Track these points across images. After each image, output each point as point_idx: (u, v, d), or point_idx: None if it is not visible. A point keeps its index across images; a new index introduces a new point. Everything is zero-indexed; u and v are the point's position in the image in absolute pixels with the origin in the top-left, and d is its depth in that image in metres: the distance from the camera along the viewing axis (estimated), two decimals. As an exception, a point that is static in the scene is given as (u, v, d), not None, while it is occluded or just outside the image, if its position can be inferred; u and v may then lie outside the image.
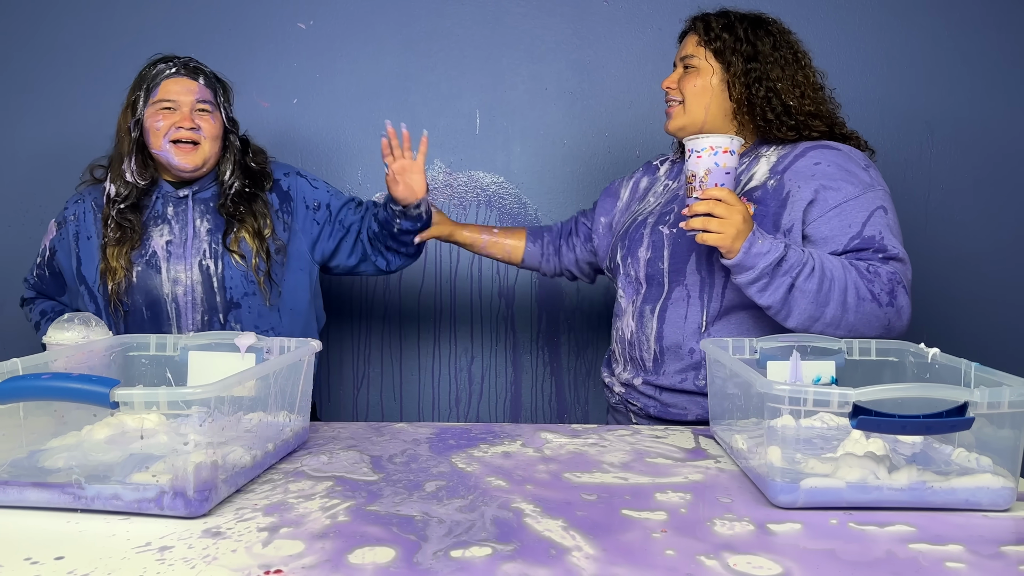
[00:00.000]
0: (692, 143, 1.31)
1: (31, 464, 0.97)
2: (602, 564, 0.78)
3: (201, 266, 1.64)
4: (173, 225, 1.66)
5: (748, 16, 1.52)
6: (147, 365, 1.27)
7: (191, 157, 1.63)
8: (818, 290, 1.30)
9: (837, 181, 1.39)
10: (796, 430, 1.14)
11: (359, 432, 1.29)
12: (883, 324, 1.35)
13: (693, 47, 1.52)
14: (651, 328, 1.49)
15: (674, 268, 1.46)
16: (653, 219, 1.54)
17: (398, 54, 2.32)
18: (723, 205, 1.27)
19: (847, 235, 1.36)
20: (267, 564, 0.78)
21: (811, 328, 1.33)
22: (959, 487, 0.93)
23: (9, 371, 1.00)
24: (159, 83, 1.61)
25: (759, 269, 1.29)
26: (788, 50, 1.50)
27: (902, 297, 1.35)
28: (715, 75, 1.49)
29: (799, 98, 1.47)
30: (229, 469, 0.96)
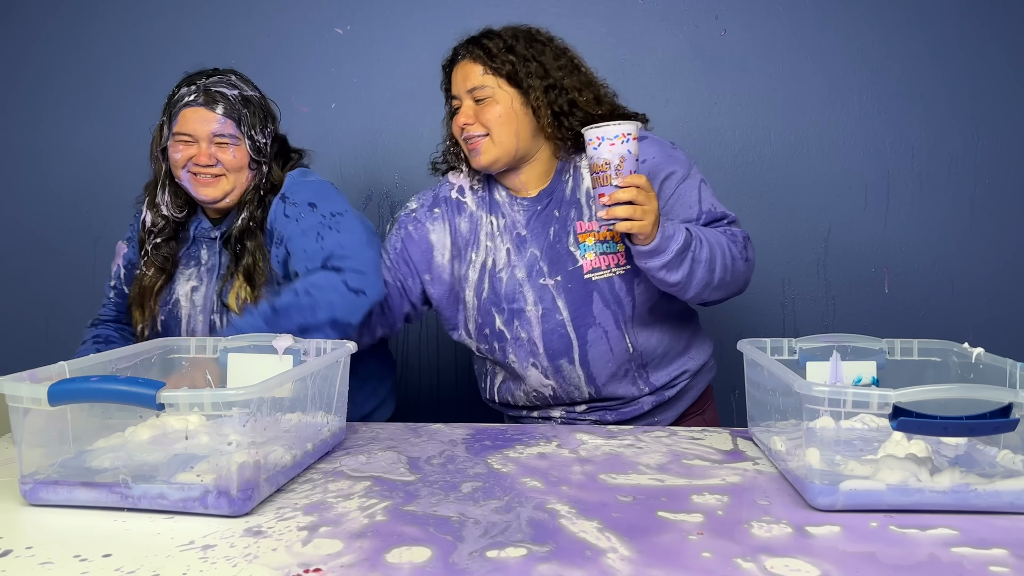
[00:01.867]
0: (601, 131, 1.27)
1: (79, 464, 1.00)
2: (637, 566, 0.78)
3: (211, 322, 1.53)
4: (202, 270, 1.55)
5: (518, 31, 1.46)
6: (187, 368, 1.30)
7: (209, 190, 1.50)
8: (709, 259, 1.34)
9: (666, 168, 1.43)
10: (836, 431, 1.13)
11: (397, 433, 1.30)
12: (745, 279, 1.43)
13: (479, 77, 1.43)
14: (577, 376, 1.46)
15: (578, 315, 1.43)
16: (522, 273, 1.46)
17: (434, 56, 2.31)
18: (643, 192, 1.26)
19: (693, 212, 1.42)
20: (307, 563, 0.79)
21: (701, 295, 1.38)
22: (1004, 490, 0.92)
23: (57, 374, 1.03)
24: (178, 112, 1.50)
25: (672, 252, 1.30)
26: (565, 58, 1.47)
27: (751, 251, 1.43)
28: (515, 100, 1.42)
29: (596, 103, 1.44)
30: (270, 469, 0.98)
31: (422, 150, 2.32)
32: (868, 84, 2.24)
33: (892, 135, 2.24)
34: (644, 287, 1.43)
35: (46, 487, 0.95)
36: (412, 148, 2.33)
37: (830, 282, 2.27)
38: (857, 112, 2.25)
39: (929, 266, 2.26)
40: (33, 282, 2.42)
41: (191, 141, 1.50)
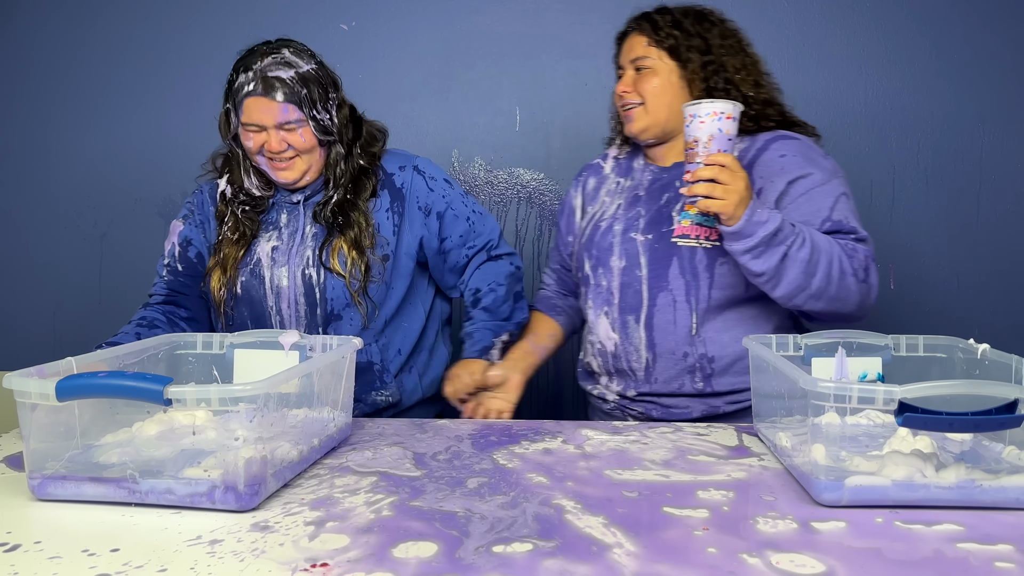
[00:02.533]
0: (694, 108, 1.29)
1: (86, 459, 1.00)
2: (643, 561, 0.79)
3: (304, 275, 1.54)
4: (283, 231, 1.57)
5: (689, 9, 1.51)
6: (194, 363, 1.30)
7: (287, 173, 1.53)
8: (808, 260, 1.30)
9: (804, 170, 1.40)
10: (841, 427, 1.13)
11: (403, 428, 1.30)
12: (858, 300, 1.36)
13: (643, 48, 1.49)
14: (639, 337, 1.46)
15: (654, 275, 1.45)
16: (620, 225, 1.51)
17: (438, 53, 2.33)
18: (727, 171, 1.26)
19: (819, 218, 1.38)
20: (313, 557, 0.80)
21: (795, 298, 1.34)
22: (1009, 486, 0.91)
23: (64, 370, 1.03)
24: (241, 102, 1.49)
25: (758, 237, 1.28)
26: (733, 39, 1.49)
27: (874, 275, 1.37)
28: (673, 73, 1.47)
29: (754, 86, 1.47)
30: (277, 464, 0.98)
31: (427, 146, 2.34)
32: (873, 80, 2.24)
33: (897, 131, 2.23)
34: (727, 270, 1.41)
35: (54, 482, 0.95)
36: (418, 145, 2.33)
37: (835, 278, 2.27)
38: (862, 107, 2.24)
39: (934, 262, 2.26)
40: (40, 279, 2.44)
41: (260, 130, 1.50)
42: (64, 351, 1.39)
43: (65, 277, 2.42)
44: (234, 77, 1.52)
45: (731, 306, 1.44)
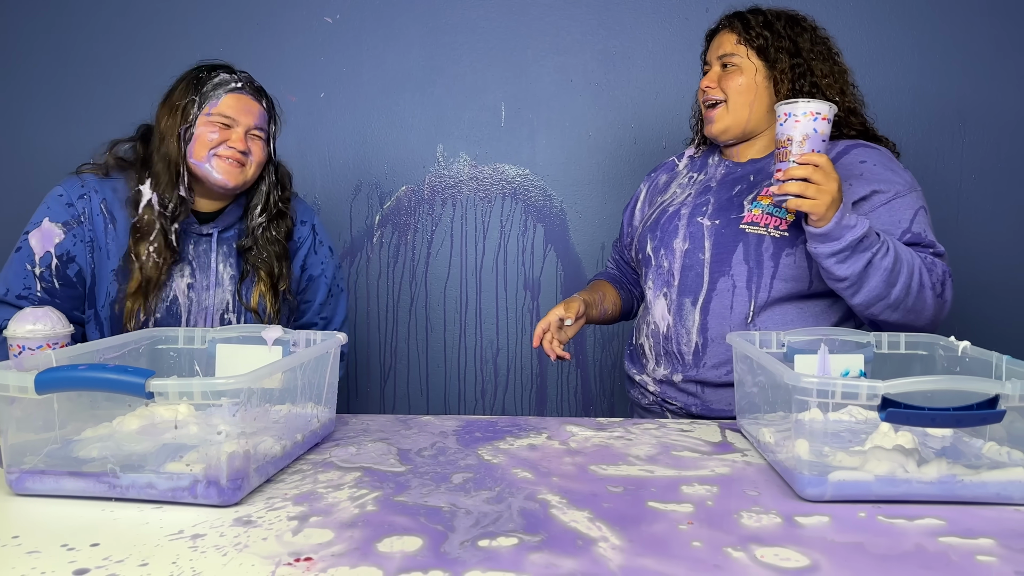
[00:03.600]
0: (790, 107, 1.28)
1: (66, 454, 0.99)
2: (628, 555, 0.79)
3: (223, 320, 1.53)
4: (194, 266, 1.51)
5: (783, 13, 1.52)
6: (175, 358, 1.29)
7: (234, 175, 1.48)
8: (891, 269, 1.29)
9: (885, 180, 1.40)
10: (824, 423, 1.13)
11: (387, 424, 1.30)
12: (932, 313, 1.36)
13: (732, 45, 1.50)
14: (693, 321, 1.46)
15: (717, 259, 1.45)
16: (687, 210, 1.52)
17: (424, 47, 2.32)
18: (821, 172, 1.25)
19: (899, 229, 1.38)
20: (297, 552, 0.79)
21: (873, 306, 1.33)
22: (990, 481, 0.92)
23: (44, 363, 1.02)
24: (220, 95, 1.47)
25: (845, 241, 1.27)
26: (823, 46, 1.50)
27: (950, 290, 1.37)
28: (759, 73, 1.48)
29: (839, 94, 1.47)
30: (260, 459, 0.97)
31: (411, 141, 2.33)
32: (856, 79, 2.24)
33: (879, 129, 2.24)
34: (792, 262, 1.40)
35: (32, 477, 0.94)
36: (401, 139, 2.33)
37: (817, 275, 2.28)
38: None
39: (915, 260, 2.28)
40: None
41: (230, 126, 1.47)
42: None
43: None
44: (207, 75, 1.49)
45: (792, 300, 1.43)
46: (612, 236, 2.34)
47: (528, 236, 2.33)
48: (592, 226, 2.33)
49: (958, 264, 2.26)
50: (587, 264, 2.34)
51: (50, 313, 1.23)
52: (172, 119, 1.48)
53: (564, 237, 2.33)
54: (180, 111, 1.48)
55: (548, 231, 2.34)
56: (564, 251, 2.34)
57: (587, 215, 2.33)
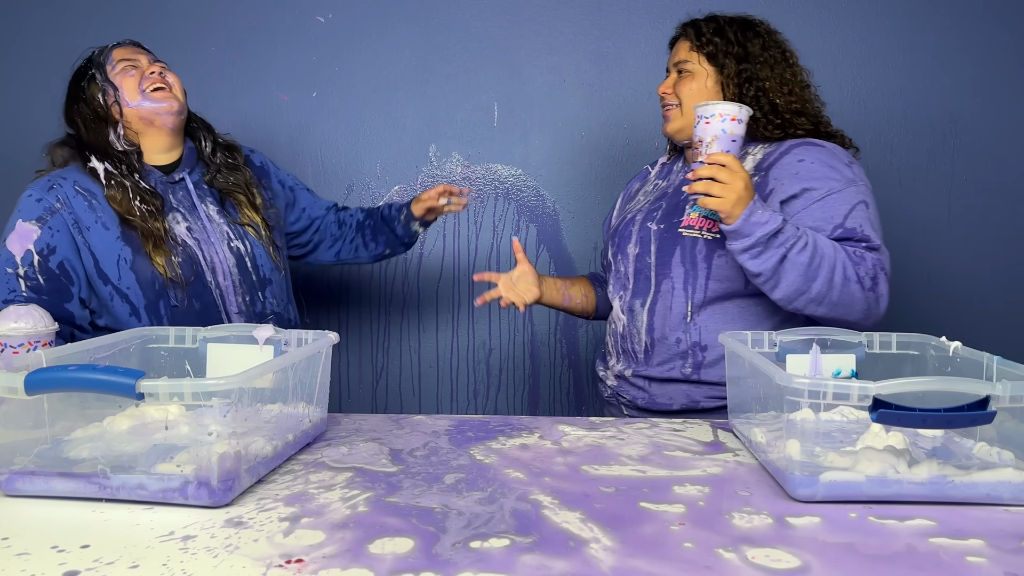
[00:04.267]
0: (702, 109, 1.35)
1: (56, 455, 0.98)
2: (620, 556, 0.79)
3: (232, 248, 1.59)
4: (183, 212, 1.58)
5: (736, 19, 1.57)
6: (166, 357, 1.29)
7: (170, 97, 1.57)
8: (808, 264, 1.32)
9: (820, 177, 1.43)
10: (815, 423, 1.14)
11: (379, 424, 1.29)
12: (863, 308, 1.38)
13: (686, 52, 1.56)
14: (641, 321, 1.54)
15: (660, 262, 1.52)
16: (641, 216, 1.60)
17: (416, 46, 2.32)
18: (727, 171, 1.30)
19: (831, 225, 1.40)
20: (288, 553, 0.79)
21: (795, 301, 1.36)
22: (980, 481, 0.93)
23: (34, 363, 1.01)
24: (109, 55, 1.58)
25: (755, 237, 1.31)
26: (776, 50, 1.55)
27: (883, 285, 1.39)
28: (709, 78, 1.54)
29: (786, 96, 1.52)
30: (251, 459, 0.97)
31: (404, 140, 2.33)
32: (847, 80, 2.26)
33: (871, 130, 2.26)
34: (724, 263, 1.45)
35: (22, 477, 0.93)
36: (394, 139, 2.33)
37: (809, 276, 2.29)
38: (836, 107, 2.25)
39: (905, 261, 2.29)
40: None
41: (136, 65, 1.57)
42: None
43: None
44: (88, 60, 1.60)
45: (730, 299, 1.48)
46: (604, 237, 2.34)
47: (521, 236, 2.33)
48: (585, 226, 2.33)
49: (949, 265, 2.28)
50: (580, 264, 2.34)
51: (33, 311, 1.23)
52: (79, 107, 1.58)
53: (557, 237, 2.33)
54: (82, 97, 1.57)
55: (541, 231, 2.34)
56: (557, 251, 2.34)
57: (580, 215, 2.33)
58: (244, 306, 1.58)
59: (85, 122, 1.57)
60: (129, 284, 1.49)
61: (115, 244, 1.49)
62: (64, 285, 1.47)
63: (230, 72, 2.33)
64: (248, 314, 1.58)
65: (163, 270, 1.49)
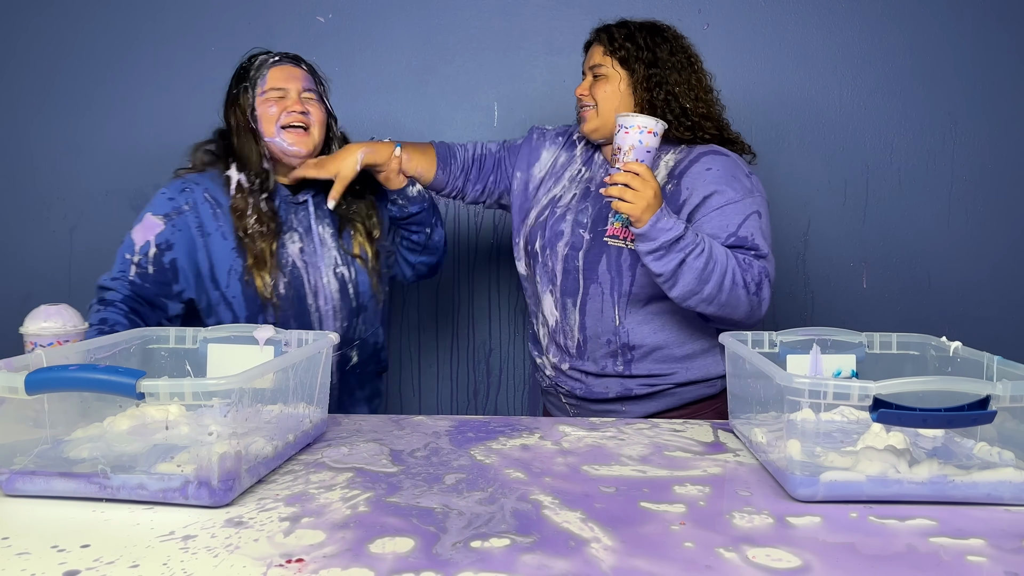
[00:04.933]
0: (623, 119, 1.44)
1: (56, 454, 0.99)
2: (621, 556, 0.79)
3: (337, 274, 1.63)
4: (300, 232, 1.63)
5: (646, 24, 1.63)
6: (166, 358, 1.29)
7: (303, 141, 1.58)
8: (703, 268, 1.42)
9: (722, 186, 1.52)
10: (816, 423, 1.14)
11: (379, 425, 1.29)
12: (747, 309, 1.48)
13: (600, 56, 1.62)
14: (574, 319, 1.61)
15: (588, 267, 1.58)
16: (572, 216, 1.63)
17: (416, 47, 2.32)
18: (640, 180, 1.39)
19: (725, 232, 1.49)
20: (289, 553, 0.79)
21: (688, 300, 1.45)
22: (981, 481, 0.93)
23: (34, 363, 1.01)
24: (264, 73, 1.59)
25: (659, 242, 1.40)
26: (683, 55, 1.61)
27: (766, 290, 1.50)
28: (622, 81, 1.59)
29: (694, 100, 1.58)
30: (251, 459, 0.97)
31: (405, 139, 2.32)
32: (848, 80, 2.26)
33: (871, 131, 2.26)
34: (645, 271, 1.51)
35: (23, 477, 0.93)
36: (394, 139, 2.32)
37: (809, 276, 2.29)
38: (837, 108, 2.26)
39: (907, 261, 2.29)
40: (7, 273, 2.39)
41: (282, 96, 1.59)
42: (33, 345, 1.36)
43: (33, 271, 2.38)
44: (249, 63, 1.63)
45: (652, 301, 1.56)
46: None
47: (521, 236, 2.32)
48: (585, 226, 2.33)
49: (949, 265, 2.28)
50: (580, 264, 2.33)
51: (63, 310, 1.27)
52: (235, 111, 1.62)
53: (557, 237, 2.33)
54: (238, 103, 1.61)
55: (541, 231, 2.33)
56: (557, 251, 2.33)
57: (580, 215, 2.33)
58: (340, 330, 1.63)
59: (237, 126, 1.62)
60: (235, 294, 1.57)
61: (230, 254, 1.57)
62: (169, 280, 1.56)
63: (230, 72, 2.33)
64: (342, 339, 1.61)
65: (263, 289, 1.56)
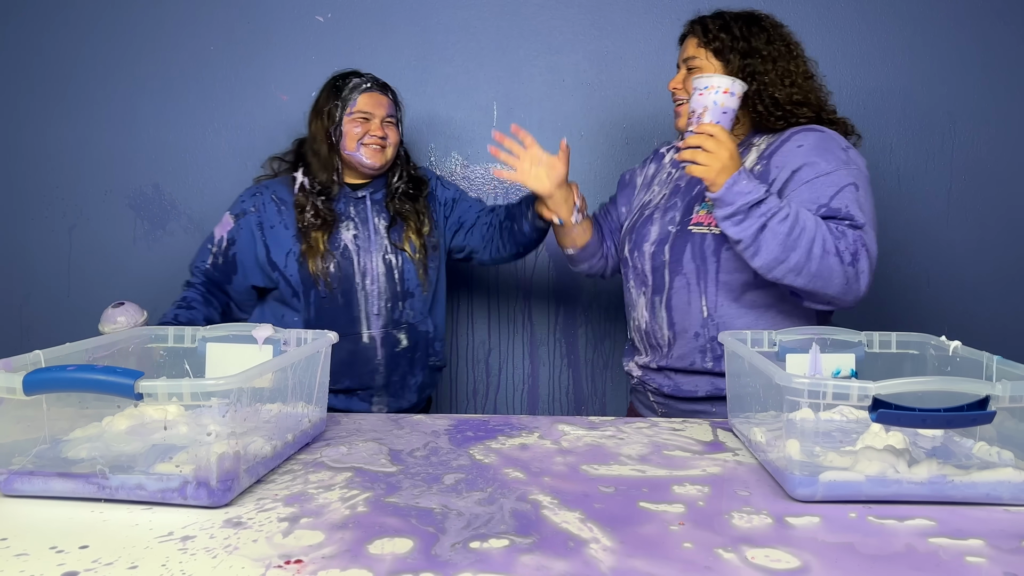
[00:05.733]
0: (697, 81, 1.40)
1: (55, 455, 0.98)
2: (620, 556, 0.79)
3: (385, 260, 1.84)
4: (356, 222, 1.86)
5: (742, 15, 1.60)
6: (165, 357, 1.28)
7: (379, 156, 1.84)
8: (788, 234, 1.34)
9: (812, 159, 1.45)
10: (815, 423, 1.14)
11: (378, 424, 1.29)
12: (842, 282, 1.38)
13: (694, 48, 1.60)
14: (662, 316, 1.57)
15: (674, 259, 1.55)
16: (659, 214, 1.62)
17: (416, 46, 2.32)
18: (713, 140, 1.35)
19: (815, 205, 1.42)
20: (287, 554, 0.79)
21: (774, 270, 1.38)
22: (980, 481, 0.93)
23: (32, 363, 1.01)
24: (356, 97, 1.85)
25: (736, 206, 1.35)
26: (781, 43, 1.57)
27: (863, 261, 1.39)
28: (716, 72, 1.56)
29: (787, 88, 1.54)
30: (250, 459, 0.97)
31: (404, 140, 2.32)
32: (846, 79, 2.26)
33: (870, 130, 2.26)
34: (731, 255, 1.48)
35: (21, 478, 0.93)
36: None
37: (809, 275, 2.29)
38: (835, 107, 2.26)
39: (905, 261, 2.29)
40: (6, 271, 2.39)
41: (368, 119, 1.84)
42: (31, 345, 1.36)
43: (33, 270, 2.38)
44: (343, 82, 1.87)
45: (746, 292, 1.50)
46: (604, 236, 2.34)
47: (520, 236, 2.32)
48: (584, 226, 2.33)
49: (948, 265, 2.28)
50: (579, 264, 2.33)
51: (128, 307, 1.45)
52: (320, 122, 1.87)
53: (556, 237, 2.33)
54: (326, 114, 1.86)
55: (540, 231, 2.33)
56: (556, 251, 2.33)
57: (579, 215, 2.33)
58: (384, 310, 1.84)
59: (317, 135, 1.87)
60: (292, 272, 1.82)
61: (290, 240, 1.84)
62: (231, 269, 1.88)
63: (229, 72, 2.33)
64: (386, 318, 1.84)
65: (314, 269, 1.80)
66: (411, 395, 1.89)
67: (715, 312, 1.51)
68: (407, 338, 1.86)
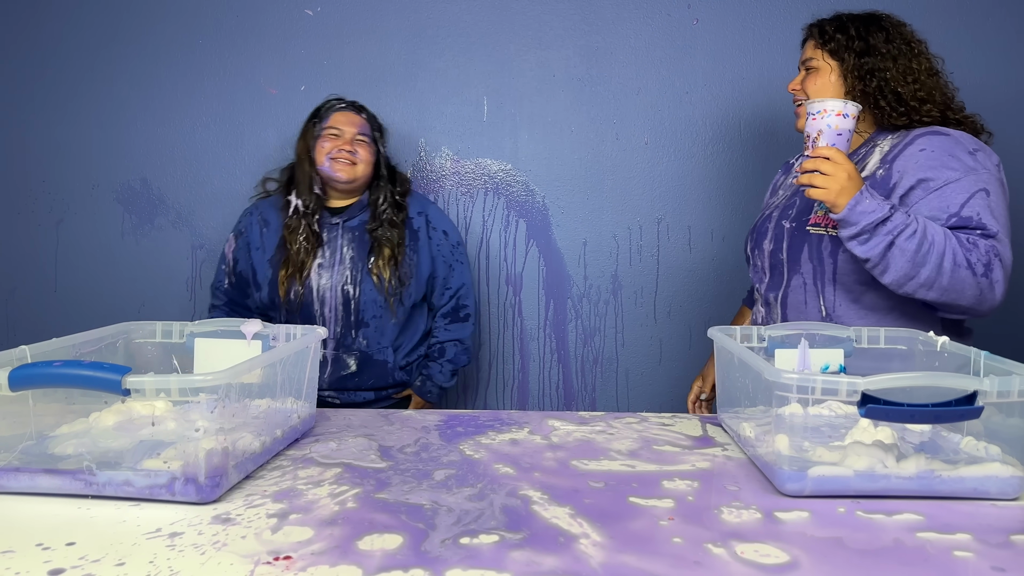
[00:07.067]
0: (809, 106, 1.41)
1: (41, 451, 0.98)
2: (610, 551, 0.79)
3: (343, 291, 1.90)
4: (326, 249, 1.92)
5: (861, 15, 1.60)
6: (152, 352, 1.28)
7: (348, 170, 1.91)
8: (916, 250, 1.33)
9: (939, 167, 1.42)
10: (804, 418, 1.14)
11: (368, 419, 1.29)
12: (975, 293, 1.36)
13: (812, 50, 1.61)
14: (776, 314, 1.61)
15: (792, 259, 1.56)
16: (778, 213, 1.64)
17: (405, 41, 2.31)
18: (830, 163, 1.35)
19: (945, 214, 1.40)
20: (276, 550, 0.78)
21: (905, 286, 1.36)
22: (967, 476, 0.93)
23: (18, 358, 1.00)
24: (330, 115, 1.94)
25: (860, 226, 1.34)
26: (901, 41, 1.56)
27: (997, 271, 1.37)
28: (832, 72, 1.57)
29: (910, 85, 1.52)
30: (239, 455, 0.97)
31: (393, 135, 2.32)
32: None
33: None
34: (848, 257, 1.47)
35: (7, 474, 0.92)
36: (383, 133, 2.31)
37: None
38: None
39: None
40: (-8, 265, 2.37)
41: (338, 135, 1.92)
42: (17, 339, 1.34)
43: (18, 265, 2.36)
44: (322, 105, 1.98)
45: (867, 293, 1.48)
46: (594, 231, 2.34)
47: (510, 231, 2.33)
48: (574, 221, 2.33)
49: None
50: (569, 259, 2.33)
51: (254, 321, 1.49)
52: (303, 142, 1.96)
53: (546, 232, 2.33)
54: (306, 135, 1.96)
55: (530, 226, 2.33)
56: (546, 246, 2.33)
57: (569, 210, 2.33)
58: (338, 336, 1.90)
59: (300, 155, 1.96)
60: (263, 295, 1.93)
61: (265, 263, 1.93)
62: (245, 284, 1.98)
63: (218, 66, 2.32)
64: (338, 344, 1.90)
65: (283, 294, 1.89)
66: None
67: (834, 312, 1.51)
68: (356, 363, 1.91)
